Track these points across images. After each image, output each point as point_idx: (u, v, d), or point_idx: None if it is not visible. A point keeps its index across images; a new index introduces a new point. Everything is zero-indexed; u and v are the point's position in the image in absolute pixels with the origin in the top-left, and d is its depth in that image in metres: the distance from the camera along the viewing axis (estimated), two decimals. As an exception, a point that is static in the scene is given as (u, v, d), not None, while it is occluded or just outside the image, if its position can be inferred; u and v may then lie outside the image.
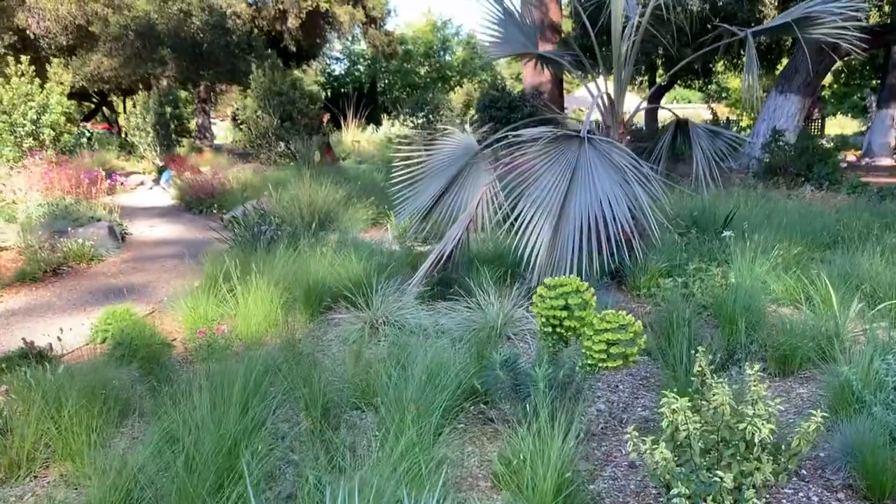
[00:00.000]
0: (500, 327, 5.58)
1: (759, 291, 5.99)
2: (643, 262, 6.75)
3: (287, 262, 6.84)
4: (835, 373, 4.21)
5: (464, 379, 4.08)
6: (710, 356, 4.50)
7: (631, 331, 3.58)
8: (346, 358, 4.90)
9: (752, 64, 6.78)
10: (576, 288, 3.69)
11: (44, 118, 16.98)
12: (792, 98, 17.24)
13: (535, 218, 5.82)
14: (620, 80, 7.08)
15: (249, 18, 28.49)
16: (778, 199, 10.77)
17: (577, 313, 3.67)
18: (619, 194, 5.82)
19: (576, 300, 3.66)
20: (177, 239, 10.78)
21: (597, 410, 4.38)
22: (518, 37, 7.80)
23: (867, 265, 6.43)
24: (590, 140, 6.07)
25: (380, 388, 3.91)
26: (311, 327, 6.03)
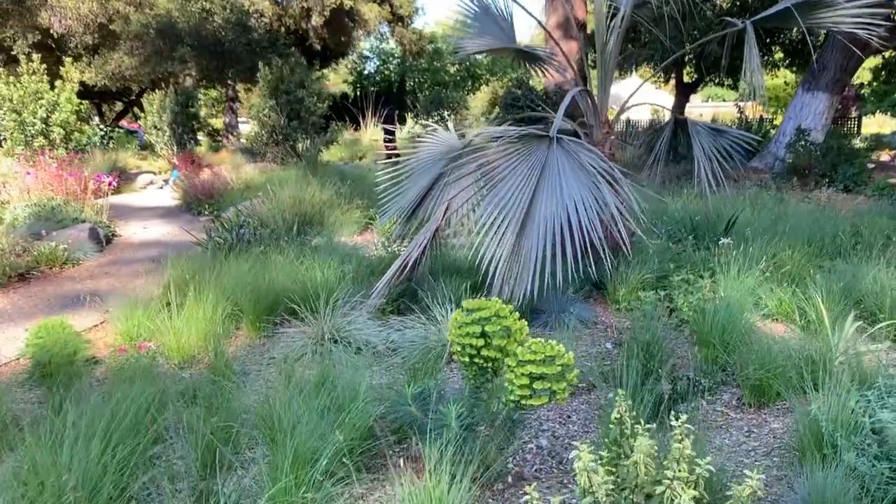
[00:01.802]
0: (456, 344, 5.10)
1: (744, 307, 5.46)
2: (625, 272, 6.24)
3: (248, 269, 6.42)
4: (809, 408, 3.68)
5: (376, 412, 3.61)
6: (670, 384, 4.01)
7: (558, 364, 3.09)
8: (276, 381, 4.46)
9: (752, 55, 6.24)
10: (495, 312, 3.20)
11: (53, 117, 16.79)
12: (819, 96, 16.48)
13: (497, 223, 5.32)
14: (604, 75, 6.56)
15: (276, 17, 28.26)
16: (790, 202, 10.14)
17: (495, 342, 3.18)
18: (588, 199, 5.31)
19: (494, 327, 3.18)
20: (165, 241, 10.43)
21: (536, 447, 3.88)
22: (495, 31, 7.30)
23: (870, 278, 5.84)
24: (559, 141, 5.57)
25: (276, 423, 3.45)
26: (258, 342, 5.60)
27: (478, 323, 3.18)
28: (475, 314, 3.20)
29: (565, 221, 5.22)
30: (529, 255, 5.21)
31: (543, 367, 3.06)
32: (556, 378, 3.10)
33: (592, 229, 5.17)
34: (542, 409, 4.34)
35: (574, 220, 5.20)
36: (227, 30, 25.17)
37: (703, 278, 6.07)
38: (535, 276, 5.12)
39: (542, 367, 3.06)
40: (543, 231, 5.23)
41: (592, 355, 5.26)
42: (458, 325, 3.21)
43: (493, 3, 7.26)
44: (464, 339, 3.18)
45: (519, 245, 5.31)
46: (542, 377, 3.08)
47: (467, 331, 3.17)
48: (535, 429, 4.09)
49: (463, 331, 3.18)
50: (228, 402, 3.91)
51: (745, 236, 7.31)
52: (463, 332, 3.18)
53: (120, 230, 11.31)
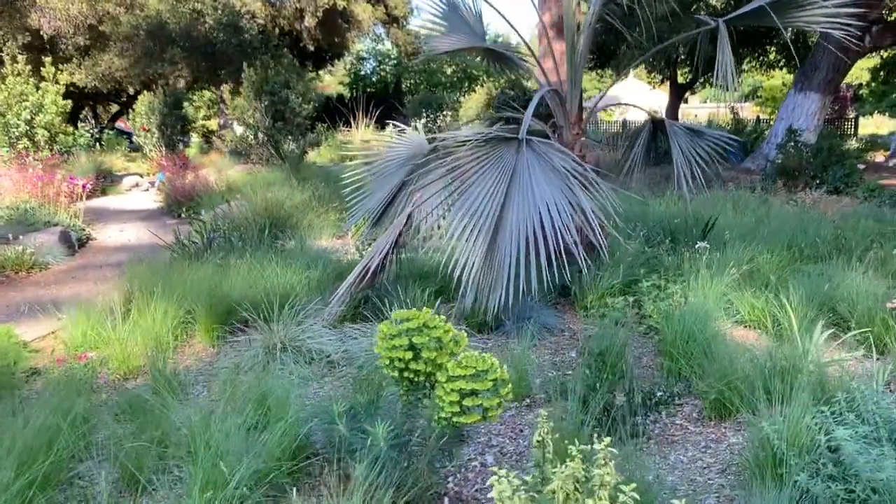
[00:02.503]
0: (413, 355, 4.91)
1: (714, 313, 5.28)
2: (595, 277, 6.05)
3: (209, 275, 6.23)
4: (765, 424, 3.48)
5: (304, 430, 3.41)
6: (625, 396, 3.83)
7: (490, 378, 2.90)
8: (219, 394, 4.27)
9: (724, 54, 6.04)
10: (423, 323, 3.01)
11: (38, 118, 16.61)
12: (811, 96, 16.30)
13: (468, 230, 5.13)
14: (574, 75, 6.37)
15: (269, 18, 28.09)
16: (775, 204, 9.95)
17: (424, 355, 2.99)
18: (561, 202, 5.12)
19: (422, 339, 2.99)
20: (139, 245, 10.23)
21: (481, 465, 3.69)
22: (465, 29, 7.11)
23: (845, 284, 5.65)
24: (528, 142, 5.38)
25: (191, 441, 3.25)
26: (212, 351, 5.41)
27: (405, 335, 2.99)
28: (403, 325, 3.01)
29: (538, 225, 5.03)
30: (503, 263, 5.01)
31: (475, 382, 2.87)
32: (488, 394, 2.91)
33: (567, 232, 4.98)
34: (488, 423, 4.15)
35: (547, 224, 5.02)
36: (219, 31, 25.00)
37: (674, 284, 5.88)
38: (510, 284, 4.94)
39: (472, 383, 2.87)
40: (516, 237, 5.04)
41: (555, 364, 5.08)
42: (385, 336, 3.02)
43: (461, 1, 7.07)
44: (391, 352, 3.00)
45: (491, 252, 5.13)
46: (474, 393, 2.89)
47: (394, 343, 2.99)
48: (482, 444, 3.91)
49: (390, 343, 3.00)
50: (159, 418, 3.71)
51: (723, 240, 7.14)
52: (390, 345, 3.00)
53: (96, 233, 11.14)
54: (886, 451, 3.15)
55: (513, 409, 4.35)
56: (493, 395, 2.92)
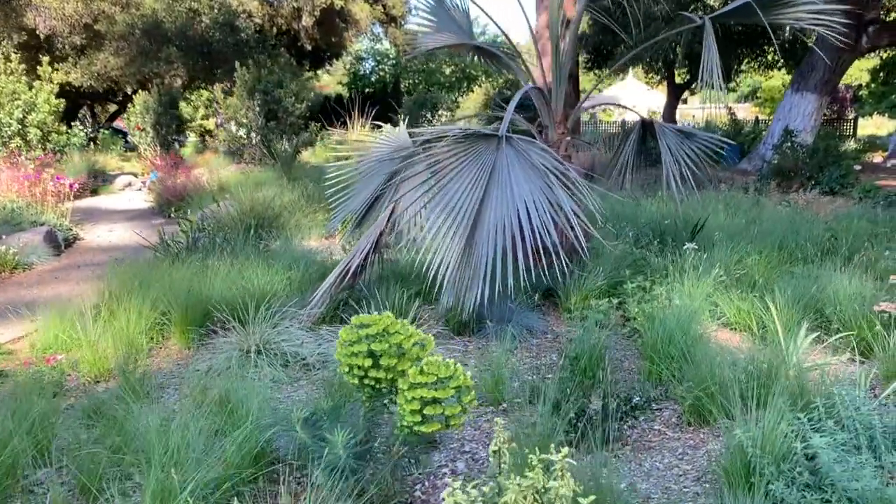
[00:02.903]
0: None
1: (699, 315, 5.19)
2: (580, 278, 5.96)
3: (190, 275, 6.14)
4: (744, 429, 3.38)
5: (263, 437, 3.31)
6: (600, 401, 3.74)
7: (452, 386, 2.81)
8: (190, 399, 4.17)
9: (710, 53, 5.95)
10: (384, 329, 2.91)
11: (30, 117, 16.53)
12: (808, 96, 16.22)
13: (445, 228, 5.04)
14: (558, 73, 6.27)
15: (267, 17, 27.99)
16: (768, 205, 9.85)
17: (384, 362, 2.89)
18: (540, 201, 5.03)
19: (382, 346, 2.89)
20: (127, 245, 10.14)
21: (451, 472, 3.59)
22: (452, 26, 7.03)
23: (832, 286, 5.55)
24: (508, 140, 5.28)
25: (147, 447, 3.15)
26: (188, 353, 5.31)
27: (364, 341, 2.89)
28: (362, 331, 2.92)
29: (516, 225, 4.95)
30: (479, 262, 4.93)
31: (436, 390, 2.78)
32: (452, 401, 2.81)
33: (545, 233, 4.90)
34: (466, 428, 4.06)
35: (525, 224, 4.94)
36: (215, 30, 24.90)
37: (660, 285, 5.79)
38: (486, 284, 4.85)
39: (433, 391, 2.77)
40: (494, 235, 4.96)
41: (535, 368, 4.98)
42: (345, 343, 2.93)
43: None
44: (350, 359, 2.90)
45: (468, 251, 5.04)
46: (436, 401, 2.80)
47: (353, 350, 2.89)
48: (454, 450, 3.81)
49: (348, 350, 2.90)
50: (122, 423, 3.62)
51: (713, 241, 7.04)
52: (348, 352, 2.90)
53: (84, 233, 11.06)
54: (865, 460, 3.05)
55: (488, 413, 4.25)
56: (456, 403, 2.82)
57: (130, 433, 3.55)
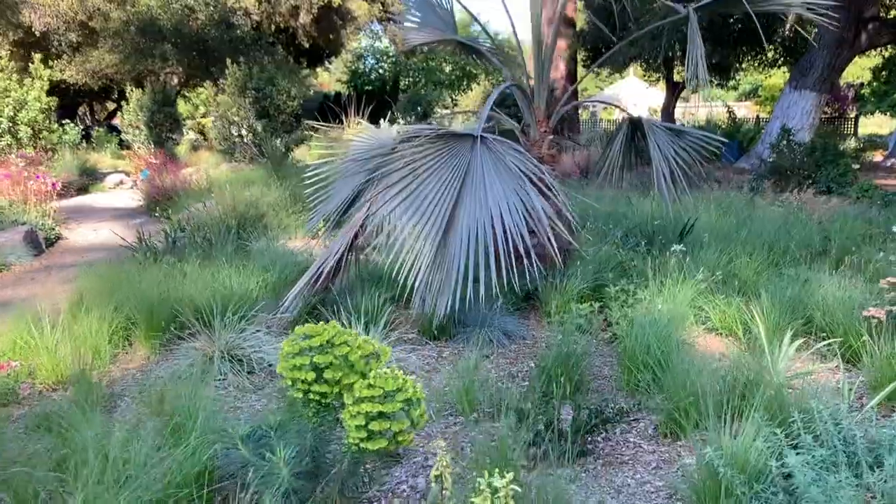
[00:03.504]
0: (360, 365, 4.63)
1: (683, 320, 5.02)
2: (562, 281, 5.77)
3: (159, 277, 5.97)
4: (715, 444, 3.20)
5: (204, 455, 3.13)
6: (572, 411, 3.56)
7: (399, 399, 2.63)
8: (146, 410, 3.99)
9: (695, 45, 5.78)
10: (328, 340, 2.74)
11: (20, 115, 16.35)
12: (807, 94, 16.03)
13: (417, 231, 4.87)
14: (541, 70, 6.09)
15: (265, 15, 27.82)
16: (761, 205, 9.66)
17: (328, 376, 2.71)
18: (515, 204, 4.86)
19: (325, 359, 2.71)
20: (110, 245, 9.92)
21: (410, 488, 3.40)
22: (436, 22, 6.86)
23: (822, 289, 5.37)
24: (483, 140, 5.11)
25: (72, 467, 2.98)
26: (153, 359, 5.13)
27: (307, 353, 2.71)
28: (305, 342, 2.74)
29: (490, 228, 4.78)
30: (452, 265, 4.77)
31: (382, 404, 2.60)
32: (403, 415, 2.64)
33: (518, 237, 4.73)
34: (435, 437, 3.88)
35: (499, 227, 4.77)
36: (211, 27, 24.72)
37: (645, 289, 5.60)
38: (458, 288, 4.69)
39: (379, 405, 2.60)
40: (467, 239, 4.81)
41: (511, 375, 4.80)
42: (287, 355, 2.75)
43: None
44: (293, 372, 2.72)
45: (441, 254, 4.88)
46: (382, 416, 2.62)
47: (294, 363, 2.71)
48: (418, 464, 3.63)
49: (290, 363, 2.72)
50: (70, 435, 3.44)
51: (703, 242, 6.86)
52: (290, 365, 2.72)
53: (68, 233, 10.89)
54: (844, 479, 2.87)
55: (458, 424, 4.08)
56: (404, 418, 2.64)
57: (78, 446, 3.38)
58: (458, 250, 4.77)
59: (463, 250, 4.76)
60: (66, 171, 16.85)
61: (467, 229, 4.83)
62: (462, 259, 4.73)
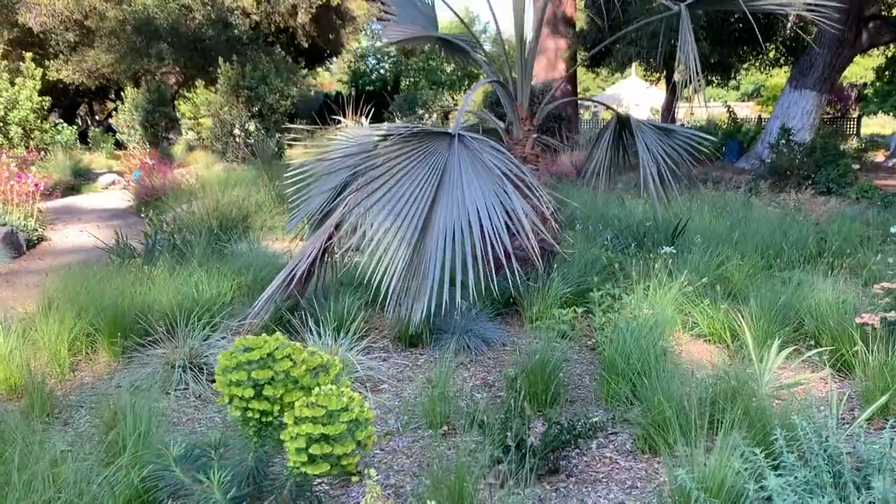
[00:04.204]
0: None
1: (670, 326, 4.82)
2: (546, 285, 5.56)
3: (128, 281, 5.77)
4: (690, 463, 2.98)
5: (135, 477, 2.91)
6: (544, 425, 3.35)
7: (343, 420, 2.42)
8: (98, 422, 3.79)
9: (686, 43, 5.57)
10: (268, 354, 2.53)
11: (11, 115, 16.19)
12: (807, 94, 15.80)
13: (391, 234, 4.66)
14: (523, 67, 5.88)
15: (265, 14, 27.66)
16: (757, 206, 9.45)
17: (267, 392, 2.51)
18: (493, 205, 4.65)
19: (265, 374, 2.50)
20: (92, 246, 9.75)
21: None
22: (417, 18, 6.65)
23: (813, 294, 5.16)
24: (461, 138, 4.90)
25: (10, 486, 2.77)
26: (112, 367, 4.92)
27: (245, 368, 2.50)
28: (243, 356, 2.53)
29: (467, 230, 4.57)
30: (428, 269, 4.56)
31: (324, 425, 2.39)
32: (340, 440, 2.43)
33: (497, 239, 4.52)
34: (397, 455, 3.67)
35: (476, 230, 4.56)
36: (208, 26, 24.53)
37: (631, 293, 5.39)
38: (433, 293, 4.48)
39: (321, 427, 2.39)
40: (443, 242, 4.59)
41: (487, 384, 4.59)
42: (223, 369, 2.54)
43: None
44: (230, 388, 2.51)
45: (417, 257, 4.67)
46: (325, 438, 2.41)
47: (231, 378, 2.50)
48: (378, 482, 3.41)
49: (227, 378, 2.51)
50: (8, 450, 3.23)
51: (695, 244, 6.65)
52: (226, 380, 2.51)
53: (53, 234, 10.70)
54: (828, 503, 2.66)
55: (425, 438, 3.86)
56: (349, 440, 2.43)
57: (23, 463, 3.18)
58: (435, 253, 4.57)
59: (439, 253, 4.56)
60: (59, 171, 16.68)
61: (444, 231, 4.63)
62: (438, 262, 4.52)
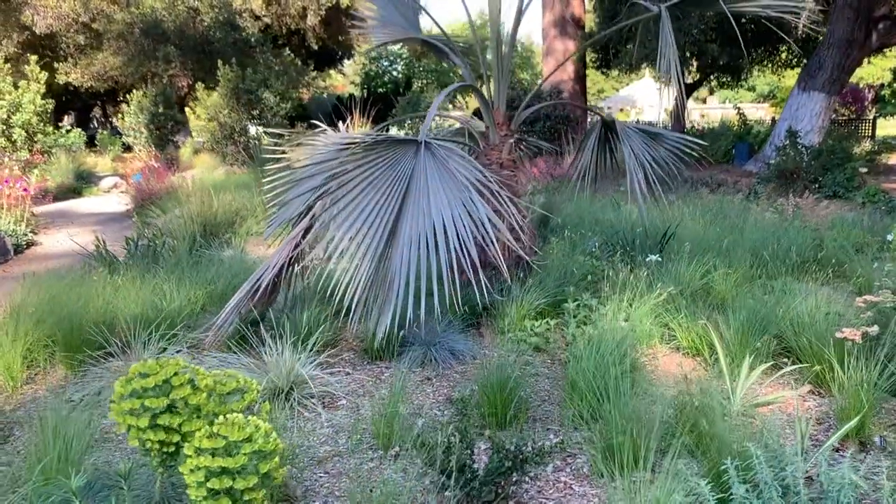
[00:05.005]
0: (285, 390, 4.27)
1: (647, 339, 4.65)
2: (519, 296, 5.38)
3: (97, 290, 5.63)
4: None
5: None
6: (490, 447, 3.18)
7: (245, 452, 2.25)
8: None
9: (667, 44, 5.39)
10: (165, 380, 2.36)
11: (14, 118, 16.17)
12: (816, 96, 15.51)
13: (355, 244, 4.49)
14: (500, 71, 5.70)
15: (276, 17, 27.65)
16: (754, 211, 9.22)
17: (163, 421, 2.34)
18: (460, 215, 4.48)
19: (159, 402, 2.34)
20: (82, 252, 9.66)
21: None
22: (398, 20, 6.50)
23: (794, 304, 4.94)
24: (427, 146, 4.72)
25: None
26: (68, 381, 4.77)
27: (138, 395, 2.34)
28: (137, 382, 2.36)
29: (432, 240, 4.40)
30: (393, 280, 4.39)
31: (222, 459, 2.23)
32: (243, 473, 2.26)
33: (462, 250, 4.34)
34: (341, 477, 3.50)
35: (441, 240, 4.39)
36: (216, 29, 24.49)
37: (608, 303, 5.20)
38: (398, 305, 4.30)
39: (220, 460, 2.22)
40: (408, 253, 4.42)
41: (450, 400, 4.41)
42: (118, 397, 2.37)
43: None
44: (124, 417, 2.35)
45: (382, 269, 4.50)
46: (225, 472, 2.24)
47: (125, 406, 2.34)
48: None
49: (120, 407, 2.35)
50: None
51: (683, 252, 6.44)
52: (120, 409, 2.35)
53: (44, 238, 10.62)
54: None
55: (375, 459, 3.69)
56: (250, 474, 2.26)
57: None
58: (400, 264, 4.40)
59: (405, 264, 4.38)
60: (61, 174, 16.66)
61: (409, 241, 4.46)
62: (404, 274, 4.35)
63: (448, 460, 3.14)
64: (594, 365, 3.93)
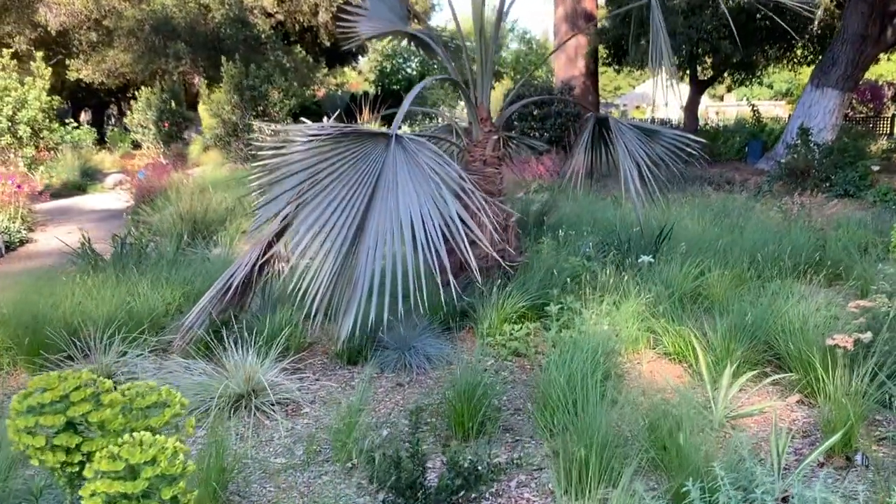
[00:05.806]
0: (245, 396, 4.08)
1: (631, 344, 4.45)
2: (500, 298, 5.17)
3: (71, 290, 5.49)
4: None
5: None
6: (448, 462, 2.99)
7: (146, 477, 2.06)
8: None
9: (658, 37, 5.19)
10: (64, 395, 2.18)
11: (20, 114, 16.09)
12: (829, 93, 15.15)
13: (319, 243, 4.30)
14: (484, 66, 5.49)
15: (288, 14, 27.55)
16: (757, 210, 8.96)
17: (59, 441, 2.16)
18: (430, 212, 4.28)
19: (55, 420, 2.15)
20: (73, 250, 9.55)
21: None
22: (386, 13, 6.31)
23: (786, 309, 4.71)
24: (398, 140, 4.52)
25: None
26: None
27: (33, 413, 2.16)
28: (34, 398, 2.18)
29: (399, 239, 4.21)
30: (357, 282, 4.20)
31: (121, 483, 2.04)
32: (145, 498, 2.07)
33: (431, 250, 4.15)
34: (294, 490, 3.31)
35: (408, 238, 4.20)
36: (226, 26, 24.38)
37: (594, 306, 4.99)
38: (361, 307, 4.12)
39: (118, 484, 2.03)
40: (374, 252, 4.22)
41: (421, 408, 4.20)
42: (16, 414, 2.19)
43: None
44: (19, 436, 2.17)
45: (348, 269, 4.31)
46: (126, 498, 2.06)
47: (19, 424, 2.16)
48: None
49: (14, 424, 2.17)
50: None
51: (680, 253, 6.22)
52: (15, 427, 2.17)
53: (40, 235, 10.52)
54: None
55: (330, 473, 3.50)
56: (154, 500, 2.08)
57: None
58: (366, 264, 4.21)
59: (370, 264, 4.19)
60: (67, 171, 16.61)
61: (376, 240, 4.26)
62: (368, 274, 4.16)
63: (399, 478, 2.95)
64: (568, 374, 3.71)
